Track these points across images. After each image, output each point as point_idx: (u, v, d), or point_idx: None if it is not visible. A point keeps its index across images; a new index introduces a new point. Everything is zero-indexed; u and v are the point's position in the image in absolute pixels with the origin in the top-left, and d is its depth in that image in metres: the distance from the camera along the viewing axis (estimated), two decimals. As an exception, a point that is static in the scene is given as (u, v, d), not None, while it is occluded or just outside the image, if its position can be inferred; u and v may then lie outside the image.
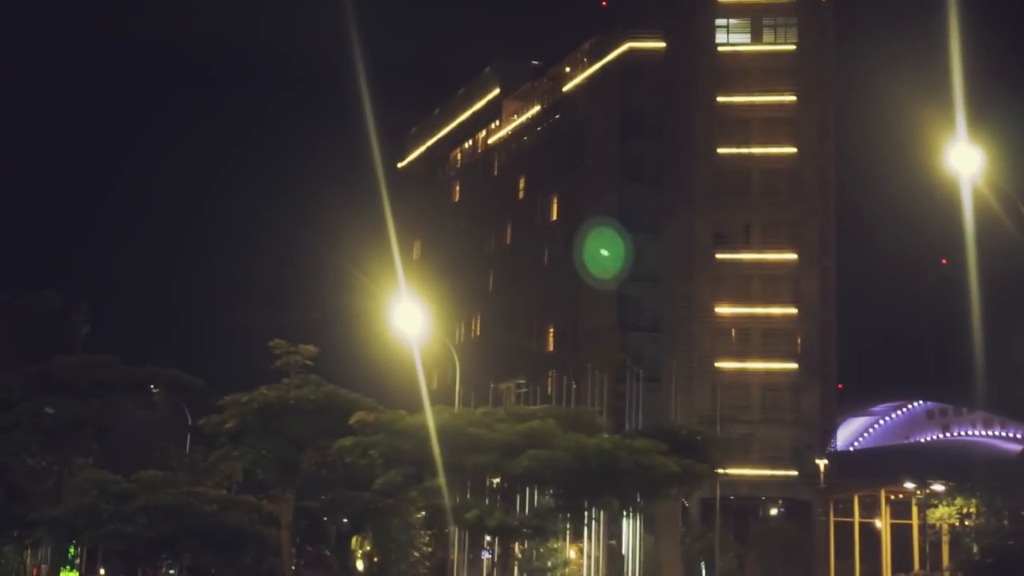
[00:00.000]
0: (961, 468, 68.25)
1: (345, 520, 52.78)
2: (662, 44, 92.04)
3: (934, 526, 61.33)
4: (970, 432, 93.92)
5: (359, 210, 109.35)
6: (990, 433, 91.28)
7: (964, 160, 25.33)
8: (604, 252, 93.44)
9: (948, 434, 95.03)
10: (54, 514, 40.74)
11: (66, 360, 46.91)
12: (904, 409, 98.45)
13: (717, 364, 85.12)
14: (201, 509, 39.68)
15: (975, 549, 56.71)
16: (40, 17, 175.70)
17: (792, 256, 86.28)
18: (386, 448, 32.95)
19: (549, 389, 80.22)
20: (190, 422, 56.99)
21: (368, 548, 67.70)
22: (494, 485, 35.01)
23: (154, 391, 49.36)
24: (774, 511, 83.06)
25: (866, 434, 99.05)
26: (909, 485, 63.36)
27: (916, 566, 64.30)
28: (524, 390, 56.26)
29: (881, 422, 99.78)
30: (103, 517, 39.52)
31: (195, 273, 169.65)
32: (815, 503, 79.86)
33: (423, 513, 50.54)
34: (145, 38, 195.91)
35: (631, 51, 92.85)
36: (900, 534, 73.55)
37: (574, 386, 75.21)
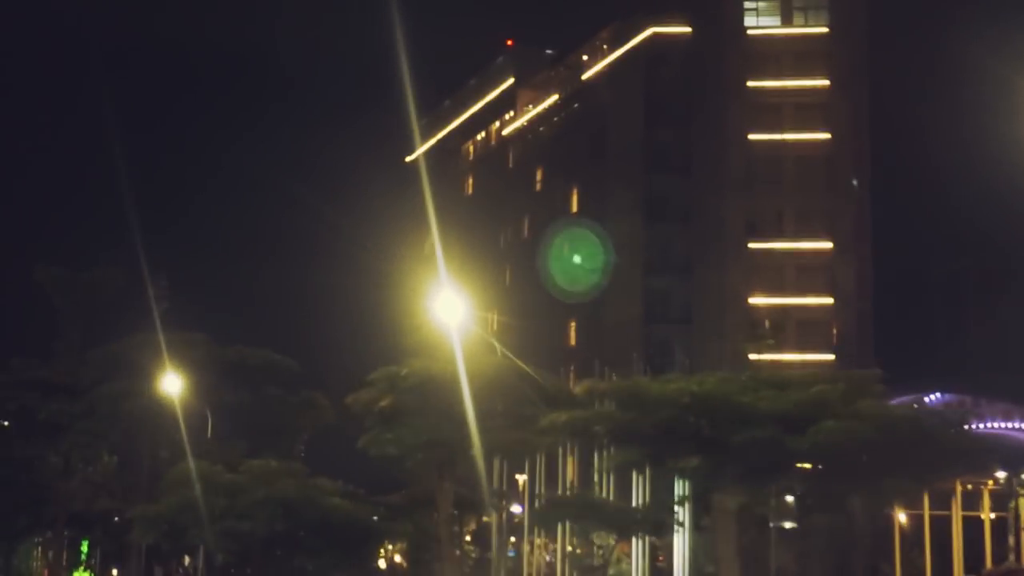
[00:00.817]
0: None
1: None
2: (687, 28, 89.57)
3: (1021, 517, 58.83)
4: (990, 425, 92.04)
5: (369, 203, 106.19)
6: (1011, 426, 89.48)
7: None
8: (577, 259, 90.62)
9: (966, 427, 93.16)
10: (157, 510, 36.58)
11: (147, 339, 42.63)
12: (920, 402, 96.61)
13: (751, 356, 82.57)
14: (323, 503, 35.80)
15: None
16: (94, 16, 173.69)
17: (827, 244, 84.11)
18: (619, 422, 28.57)
19: (572, 383, 77.56)
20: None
21: (393, 547, 64.44)
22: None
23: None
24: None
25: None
26: (1001, 473, 60.90)
27: (988, 562, 61.74)
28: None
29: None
30: (216, 513, 35.47)
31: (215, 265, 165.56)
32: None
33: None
34: (166, 37, 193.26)
35: (655, 36, 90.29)
36: (943, 528, 71.03)
37: (614, 377, 72.67)
